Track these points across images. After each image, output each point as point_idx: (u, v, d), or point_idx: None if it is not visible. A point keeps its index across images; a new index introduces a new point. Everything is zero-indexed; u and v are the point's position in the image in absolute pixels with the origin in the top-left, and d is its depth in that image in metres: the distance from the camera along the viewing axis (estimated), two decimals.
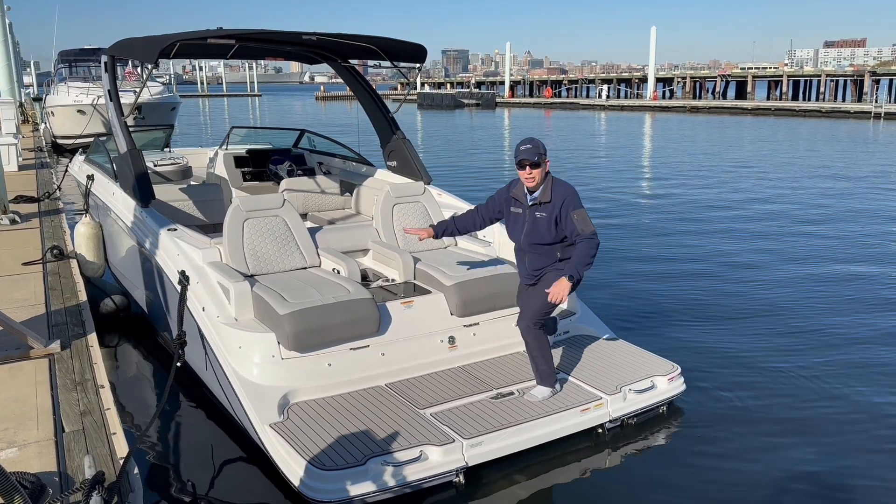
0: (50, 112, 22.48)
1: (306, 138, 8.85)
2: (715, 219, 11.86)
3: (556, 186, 4.32)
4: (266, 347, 4.26)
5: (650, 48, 57.46)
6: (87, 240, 6.88)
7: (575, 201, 4.26)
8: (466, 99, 61.02)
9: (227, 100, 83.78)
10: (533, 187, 4.33)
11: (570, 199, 4.26)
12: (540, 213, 4.32)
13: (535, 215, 4.33)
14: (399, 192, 5.82)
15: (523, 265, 4.53)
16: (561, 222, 4.26)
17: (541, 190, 4.32)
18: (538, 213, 4.32)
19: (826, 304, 7.26)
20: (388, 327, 4.60)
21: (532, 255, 4.43)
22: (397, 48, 6.40)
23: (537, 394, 4.42)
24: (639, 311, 7.01)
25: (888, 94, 50.91)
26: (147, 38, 6.06)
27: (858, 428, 4.65)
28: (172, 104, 23.51)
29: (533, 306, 4.39)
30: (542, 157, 4.26)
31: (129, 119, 6.12)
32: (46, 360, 4.36)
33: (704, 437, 4.51)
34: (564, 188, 4.32)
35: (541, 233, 4.33)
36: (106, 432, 3.49)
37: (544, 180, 4.33)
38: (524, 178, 4.31)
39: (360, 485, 3.57)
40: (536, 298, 4.37)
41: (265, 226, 5.07)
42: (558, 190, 4.30)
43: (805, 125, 35.21)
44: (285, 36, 6.09)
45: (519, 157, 4.27)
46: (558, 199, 4.27)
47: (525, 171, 4.27)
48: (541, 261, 4.41)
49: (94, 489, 2.76)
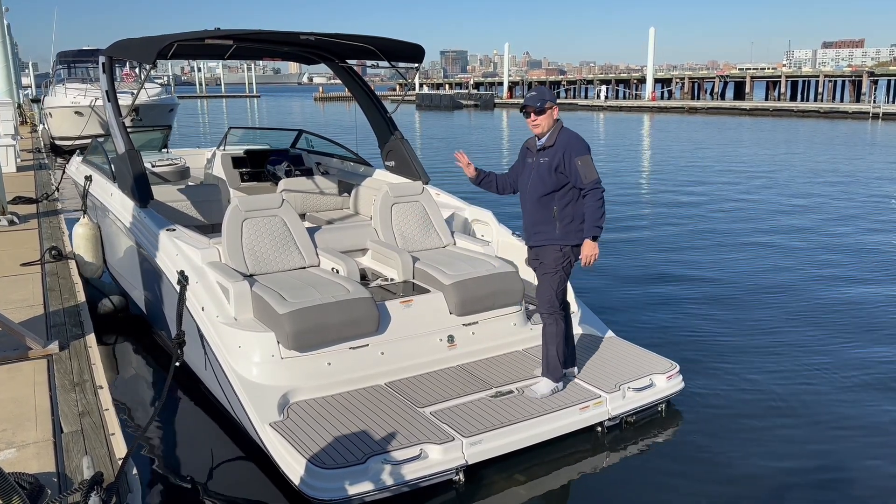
0: (48, 113, 22.47)
1: (304, 139, 8.85)
2: (713, 218, 11.87)
3: (563, 133, 4.38)
4: (266, 347, 4.25)
5: (649, 49, 57.52)
6: (85, 240, 6.88)
7: (579, 147, 4.30)
8: (465, 100, 61.07)
9: (226, 101, 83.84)
10: (539, 134, 4.40)
11: (575, 145, 4.31)
12: (543, 158, 4.37)
13: (540, 161, 4.39)
14: (398, 192, 5.82)
15: (524, 220, 4.56)
16: (563, 168, 4.29)
17: (547, 136, 4.39)
18: (542, 158, 4.38)
19: (826, 302, 7.27)
20: (388, 326, 4.60)
21: (531, 207, 4.44)
22: (395, 48, 6.40)
23: (540, 388, 4.42)
24: (637, 310, 7.01)
25: (886, 95, 51.01)
26: (145, 39, 6.06)
27: (858, 427, 4.65)
28: (170, 105, 23.50)
29: (543, 294, 4.47)
30: (546, 103, 4.32)
31: (126, 120, 6.12)
32: (45, 361, 4.36)
33: (703, 435, 4.51)
34: (570, 135, 4.37)
35: (542, 178, 4.36)
36: (104, 433, 3.48)
37: (552, 127, 4.38)
38: (529, 124, 4.40)
39: (360, 483, 3.57)
40: (542, 285, 4.46)
41: (264, 226, 5.07)
42: (563, 136, 4.36)
43: (803, 126, 35.25)
44: (283, 36, 6.08)
45: (523, 104, 4.37)
46: (561, 145, 4.32)
47: (530, 119, 4.36)
48: (538, 214, 4.42)
49: (93, 490, 2.76)
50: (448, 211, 6.21)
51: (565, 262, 4.41)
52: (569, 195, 4.36)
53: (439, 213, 5.88)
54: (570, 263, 4.44)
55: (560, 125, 4.40)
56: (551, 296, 4.45)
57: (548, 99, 4.34)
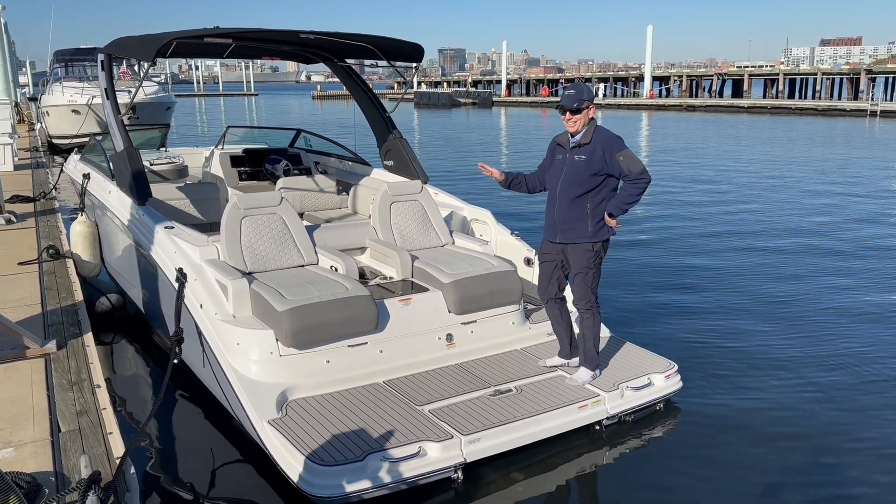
0: (45, 112, 22.40)
1: (302, 138, 8.83)
2: (712, 216, 11.88)
3: (599, 131, 4.40)
4: (264, 344, 4.25)
5: (647, 47, 57.53)
6: (83, 239, 6.87)
7: (618, 144, 4.34)
8: (463, 98, 60.99)
9: (224, 99, 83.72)
10: (576, 131, 4.42)
11: (612, 141, 4.34)
12: (579, 156, 4.38)
13: (574, 158, 4.40)
14: (396, 191, 5.81)
15: (551, 215, 4.56)
16: (605, 166, 4.31)
17: (582, 133, 4.40)
18: (577, 155, 4.39)
19: (825, 300, 7.28)
20: (387, 325, 4.60)
21: (563, 204, 4.45)
22: (394, 47, 6.39)
23: (579, 376, 4.55)
24: (636, 309, 7.02)
25: (884, 92, 51.05)
26: (144, 37, 6.04)
27: (857, 426, 4.66)
28: (167, 104, 23.43)
29: (578, 290, 4.54)
30: (583, 103, 4.34)
31: (123, 118, 6.10)
32: (42, 360, 4.35)
33: (701, 434, 4.52)
34: (606, 133, 4.40)
35: (578, 176, 4.37)
36: (102, 432, 3.48)
37: (587, 125, 4.40)
38: (565, 122, 4.42)
39: (358, 481, 3.57)
40: (580, 283, 4.52)
41: (263, 223, 5.06)
42: (600, 134, 4.38)
43: (801, 123, 35.27)
44: (282, 35, 6.07)
45: (560, 103, 4.40)
46: (599, 142, 4.34)
47: (565, 116, 4.39)
48: (570, 212, 4.43)
49: (91, 489, 2.75)
50: (446, 210, 6.21)
51: (598, 259, 4.50)
52: (602, 193, 4.40)
53: (438, 212, 5.88)
54: (601, 258, 4.51)
55: (595, 123, 4.43)
56: (587, 291, 4.53)
57: (585, 99, 4.36)
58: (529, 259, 5.76)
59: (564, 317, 4.79)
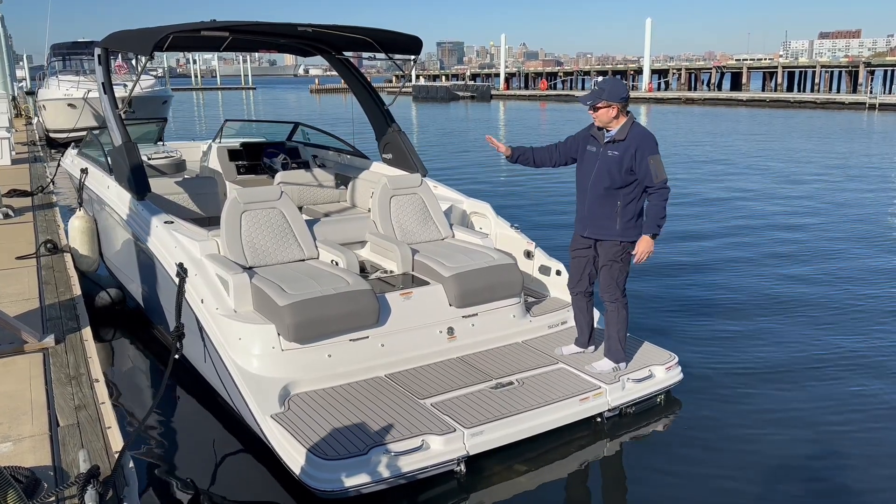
0: (42, 106, 22.32)
1: (300, 131, 8.78)
2: (712, 211, 11.86)
3: (635, 128, 4.38)
4: (266, 339, 4.23)
5: (645, 40, 57.37)
6: (81, 234, 6.83)
7: (652, 146, 4.33)
8: (462, 91, 60.87)
9: (221, 93, 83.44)
10: (602, 126, 4.42)
11: (647, 142, 4.33)
12: (612, 152, 4.37)
13: (608, 153, 4.39)
14: (396, 185, 5.79)
15: (582, 209, 4.57)
16: (634, 164, 4.30)
17: (618, 129, 4.39)
18: (611, 151, 4.38)
19: (825, 296, 7.27)
20: (388, 318, 4.59)
21: (594, 199, 4.46)
22: (392, 40, 6.34)
23: (601, 366, 4.59)
24: (637, 302, 6.99)
25: (883, 85, 50.98)
26: (141, 31, 6.00)
27: (857, 420, 4.65)
28: (164, 98, 23.33)
29: (605, 283, 4.57)
30: (599, 101, 4.34)
31: (121, 112, 6.06)
32: (41, 355, 4.33)
33: (701, 426, 4.51)
34: (642, 131, 4.38)
35: (610, 172, 4.37)
36: (101, 426, 3.46)
37: (618, 119, 4.38)
38: (592, 116, 4.44)
39: (361, 474, 3.56)
40: (606, 276, 4.54)
41: (263, 218, 5.04)
42: (636, 131, 4.36)
43: (800, 116, 35.24)
44: (280, 28, 6.03)
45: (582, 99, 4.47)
46: (633, 140, 4.33)
47: (591, 111, 4.42)
48: (600, 208, 4.45)
49: (89, 483, 2.73)
50: (446, 203, 6.19)
51: (624, 254, 4.50)
52: (633, 192, 4.39)
53: (438, 205, 5.86)
54: (628, 255, 4.51)
55: (632, 119, 4.41)
56: (612, 284, 4.55)
57: (604, 98, 4.33)
58: (529, 252, 5.74)
59: (589, 310, 4.85)
